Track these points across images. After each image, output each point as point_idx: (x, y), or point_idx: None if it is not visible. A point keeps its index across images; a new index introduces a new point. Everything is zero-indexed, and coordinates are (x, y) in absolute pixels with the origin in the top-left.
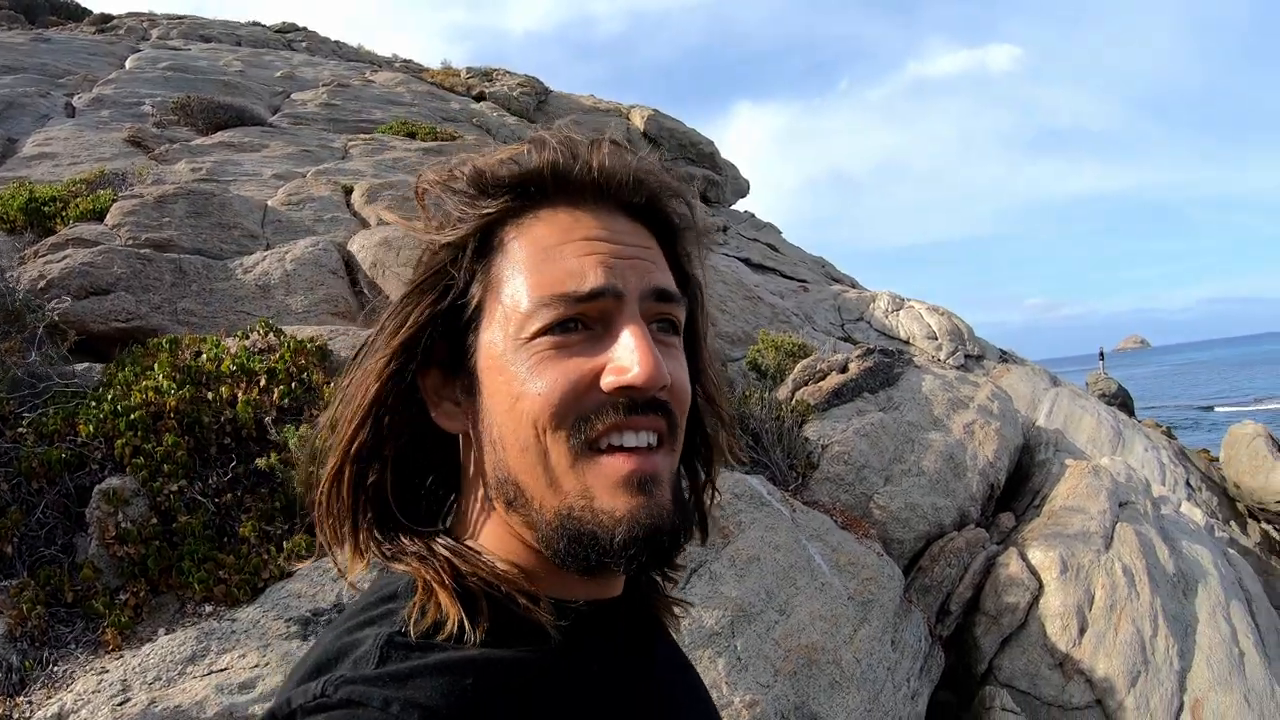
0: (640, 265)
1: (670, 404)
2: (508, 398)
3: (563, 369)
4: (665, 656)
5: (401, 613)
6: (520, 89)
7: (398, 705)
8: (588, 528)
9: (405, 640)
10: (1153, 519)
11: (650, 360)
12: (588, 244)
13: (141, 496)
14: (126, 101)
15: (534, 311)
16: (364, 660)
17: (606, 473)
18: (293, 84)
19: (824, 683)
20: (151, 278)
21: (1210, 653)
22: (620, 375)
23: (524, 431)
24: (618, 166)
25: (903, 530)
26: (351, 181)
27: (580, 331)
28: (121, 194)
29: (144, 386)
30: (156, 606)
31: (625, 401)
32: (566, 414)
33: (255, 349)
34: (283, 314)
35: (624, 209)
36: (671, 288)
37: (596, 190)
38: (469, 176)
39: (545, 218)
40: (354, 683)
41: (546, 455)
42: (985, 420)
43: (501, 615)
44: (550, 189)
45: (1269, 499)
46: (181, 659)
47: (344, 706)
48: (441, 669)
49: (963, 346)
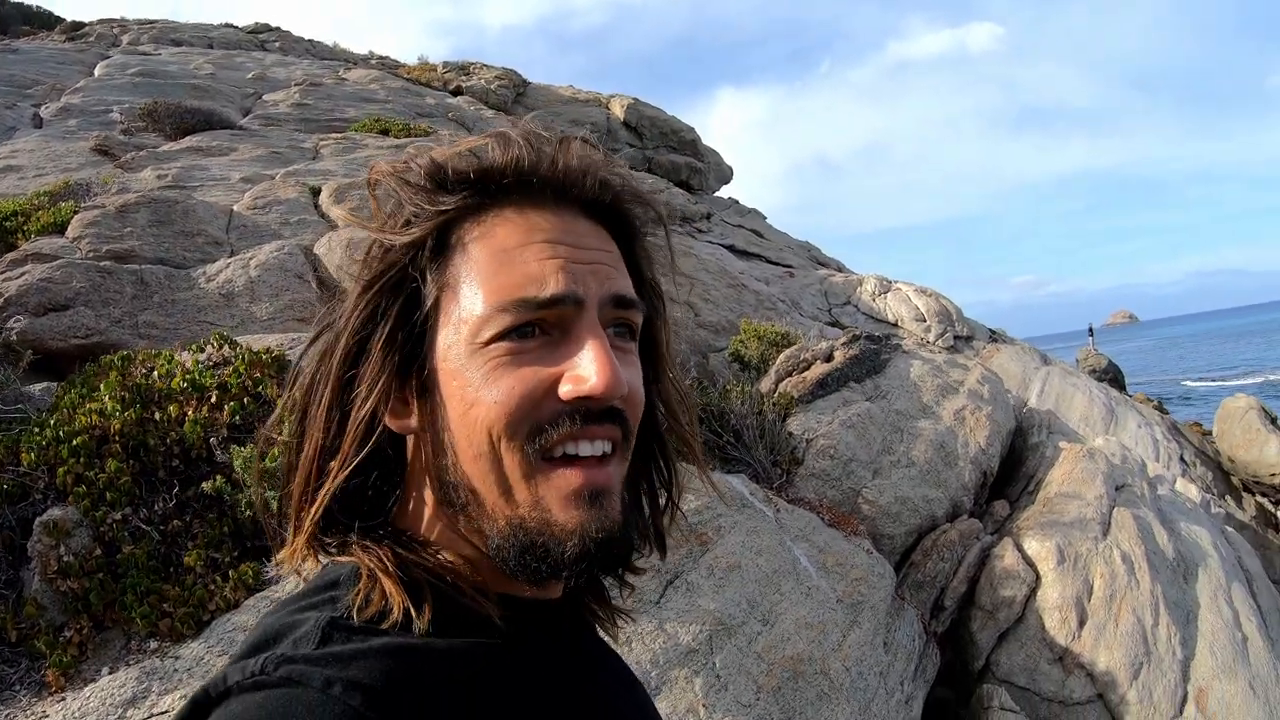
0: (601, 270)
1: (625, 413)
2: (462, 403)
3: (519, 377)
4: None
5: (345, 599)
6: (498, 82)
7: (340, 685)
8: (539, 539)
9: (348, 624)
10: (1150, 501)
11: (609, 370)
12: (549, 247)
13: (84, 527)
14: (94, 110)
15: (491, 316)
16: (304, 640)
17: (559, 485)
18: (264, 85)
19: (811, 695)
20: (112, 291)
21: (1213, 639)
22: (579, 385)
23: (478, 438)
24: (584, 167)
25: (893, 525)
26: (320, 182)
27: (537, 338)
28: (84, 205)
29: (88, 410)
30: (101, 643)
31: (582, 411)
32: (521, 423)
33: (209, 363)
34: (247, 322)
35: (585, 210)
36: (631, 294)
37: (559, 191)
38: (426, 169)
39: (507, 217)
40: (294, 661)
41: (500, 464)
42: (976, 405)
43: (446, 606)
44: (512, 187)
45: (1263, 472)
46: (122, 701)
47: (283, 685)
48: (384, 653)
49: (951, 328)
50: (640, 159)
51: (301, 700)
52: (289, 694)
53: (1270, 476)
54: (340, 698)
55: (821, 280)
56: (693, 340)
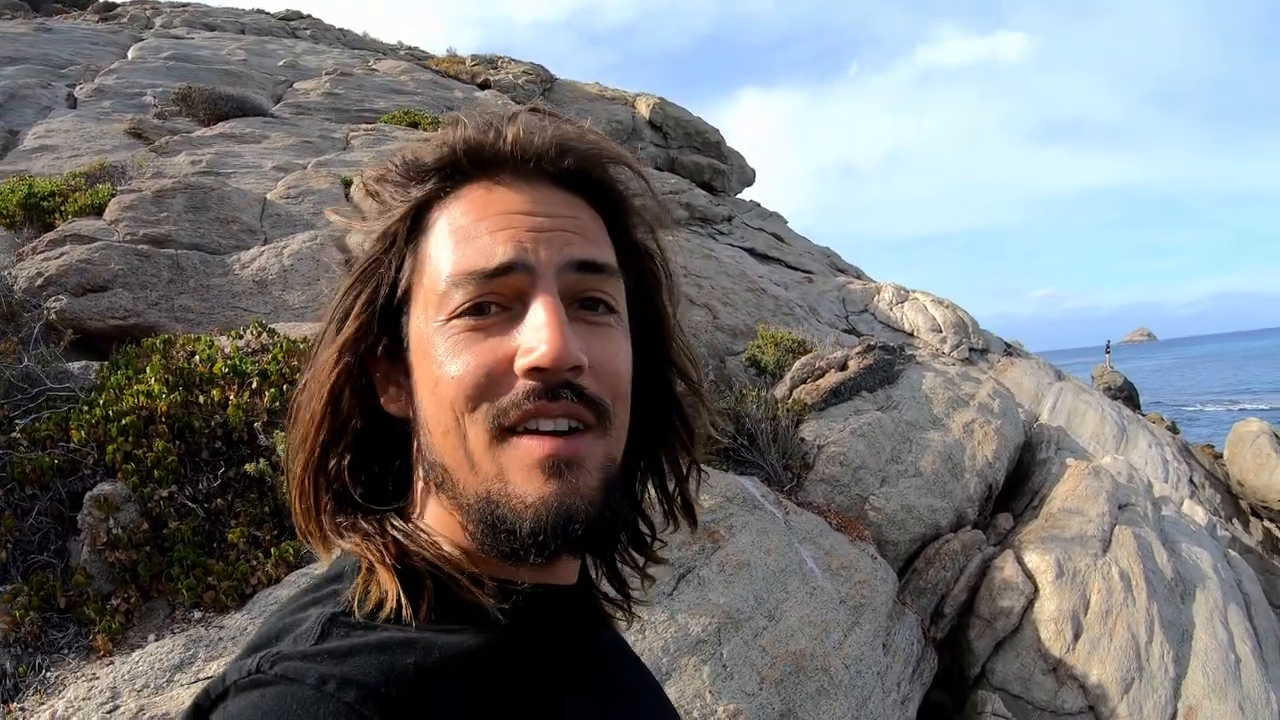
0: (560, 237)
1: (590, 390)
2: (430, 381)
3: (477, 352)
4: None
5: (346, 592)
6: (525, 77)
7: (334, 682)
8: (500, 513)
9: (347, 619)
10: (1153, 521)
11: (557, 338)
12: (502, 218)
13: (132, 502)
14: (128, 92)
15: (448, 292)
16: (303, 637)
17: (521, 455)
18: (295, 73)
19: (811, 690)
20: (149, 274)
21: (1206, 659)
22: (527, 356)
23: (444, 415)
24: (534, 135)
25: (898, 532)
26: (352, 173)
27: (496, 313)
28: (120, 188)
29: (135, 391)
30: (147, 612)
31: (538, 385)
32: (480, 399)
33: (248, 349)
34: (280, 310)
35: (553, 180)
36: (597, 258)
37: (515, 163)
38: (399, 166)
39: (465, 195)
40: (290, 659)
41: (465, 438)
42: (985, 419)
43: (447, 597)
44: (468, 167)
45: (1272, 497)
46: (170, 666)
47: (279, 682)
48: (382, 647)
49: (967, 339)
50: (664, 158)
51: (296, 697)
52: (284, 691)
53: (1278, 501)
54: (335, 695)
55: (840, 287)
56: (711, 343)
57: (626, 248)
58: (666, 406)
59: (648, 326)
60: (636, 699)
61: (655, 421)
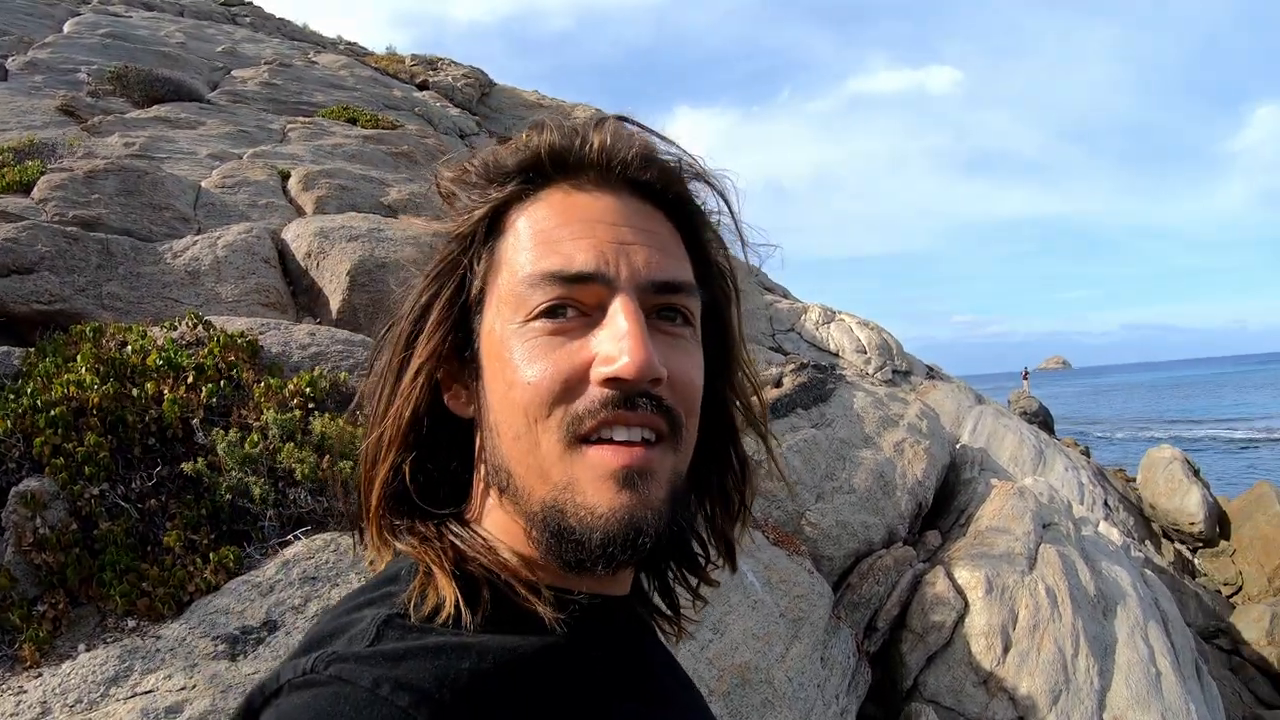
0: (640, 252)
1: (667, 400)
2: (503, 384)
3: (554, 358)
4: (665, 662)
5: (401, 595)
6: (464, 80)
7: (388, 686)
8: (568, 522)
9: (403, 622)
10: (1075, 540)
11: (640, 349)
12: (584, 225)
13: (61, 500)
14: (62, 67)
15: (527, 294)
16: (358, 638)
17: (594, 464)
18: (234, 60)
19: (756, 702)
20: (77, 258)
21: (1129, 672)
22: (608, 365)
23: (516, 419)
24: (621, 143)
25: (833, 547)
26: (289, 166)
27: (575, 318)
28: (50, 166)
29: (65, 380)
30: (76, 619)
31: (616, 394)
32: (556, 404)
33: (183, 342)
34: (211, 302)
35: (635, 190)
36: (677, 277)
37: (599, 170)
38: (478, 168)
39: (546, 199)
40: (345, 660)
41: (538, 444)
42: (915, 439)
43: (503, 603)
44: (551, 171)
45: (1183, 520)
46: (104, 679)
47: (333, 683)
48: (437, 651)
49: (891, 362)
50: None
51: (349, 699)
52: (337, 692)
53: (1190, 525)
54: (388, 698)
55: (768, 305)
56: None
57: (701, 264)
58: (724, 434)
59: (716, 346)
60: (684, 711)
61: (711, 447)
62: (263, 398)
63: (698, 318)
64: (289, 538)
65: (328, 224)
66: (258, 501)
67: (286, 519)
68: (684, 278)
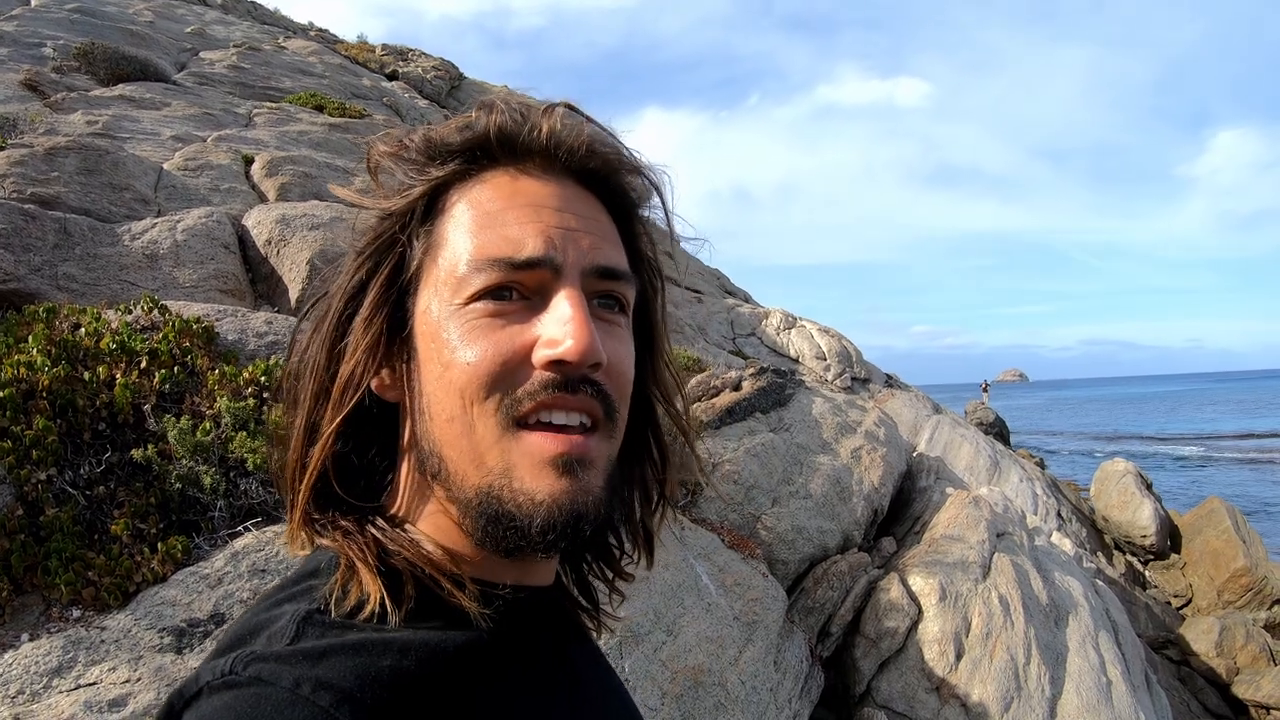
0: (584, 239)
1: (605, 386)
2: (438, 365)
3: (494, 340)
4: (590, 653)
5: (322, 590)
6: (434, 72)
7: (309, 685)
8: (506, 508)
9: (323, 618)
10: (1028, 550)
11: (584, 334)
12: (531, 210)
13: (7, 484)
14: (27, 41)
15: (469, 276)
16: (278, 636)
17: (531, 450)
18: (202, 41)
19: (709, 705)
20: (34, 236)
21: (1080, 680)
22: (551, 348)
23: (451, 402)
24: (569, 132)
25: (788, 551)
26: (253, 151)
27: (516, 301)
28: (10, 141)
29: (16, 361)
30: (20, 608)
31: (557, 378)
32: (494, 387)
33: (138, 326)
34: (169, 287)
35: (576, 177)
36: (618, 265)
37: (545, 155)
38: (418, 144)
39: (490, 180)
40: (265, 660)
41: (473, 428)
42: (872, 446)
43: (427, 597)
44: (497, 152)
45: (1135, 533)
46: (47, 670)
47: (253, 684)
48: (358, 649)
49: (850, 369)
50: None
51: (270, 700)
52: (258, 694)
53: (1141, 538)
54: (309, 698)
55: (729, 310)
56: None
57: (631, 255)
58: (644, 425)
59: (641, 338)
60: (604, 701)
61: (633, 436)
62: (216, 385)
63: (631, 307)
64: (239, 529)
65: (290, 211)
66: (208, 491)
67: (237, 510)
68: (623, 266)
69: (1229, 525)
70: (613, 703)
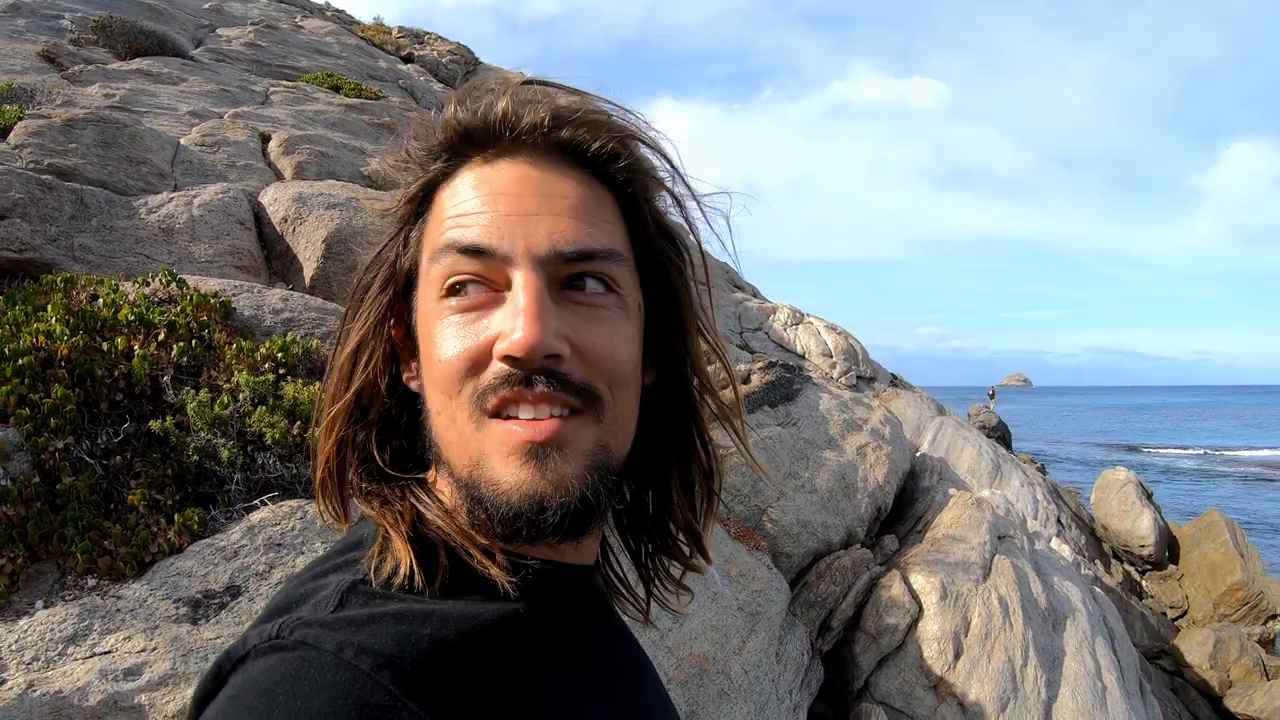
0: (544, 221)
1: (575, 376)
2: (428, 360)
3: (463, 335)
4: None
5: (364, 560)
6: (450, 56)
7: (351, 650)
8: (481, 494)
9: (366, 588)
10: (1028, 553)
11: (530, 327)
12: (489, 199)
13: (24, 452)
14: (46, 13)
15: (428, 269)
16: (323, 604)
17: (500, 439)
18: (220, 18)
19: (713, 692)
20: (51, 207)
21: (1076, 684)
22: (503, 342)
23: (437, 395)
24: (524, 108)
25: (792, 545)
26: (270, 129)
27: (484, 294)
28: (29, 112)
29: (34, 329)
30: (35, 575)
31: (514, 371)
32: (465, 381)
33: (155, 299)
34: (184, 261)
35: (559, 155)
36: (588, 244)
37: (506, 139)
38: (415, 148)
39: (463, 175)
40: (310, 625)
41: (454, 420)
42: (878, 444)
43: (464, 571)
44: (464, 148)
45: (1134, 543)
46: (62, 638)
47: (298, 648)
48: (399, 617)
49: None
50: None
51: (314, 663)
52: (302, 657)
53: (1140, 548)
54: (352, 662)
55: (737, 304)
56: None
57: (639, 225)
58: (681, 410)
59: (662, 314)
60: (636, 682)
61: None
62: (234, 360)
63: (627, 283)
64: (255, 503)
65: (306, 190)
66: (225, 464)
67: (254, 484)
68: (599, 244)
69: (1228, 538)
70: (645, 685)
